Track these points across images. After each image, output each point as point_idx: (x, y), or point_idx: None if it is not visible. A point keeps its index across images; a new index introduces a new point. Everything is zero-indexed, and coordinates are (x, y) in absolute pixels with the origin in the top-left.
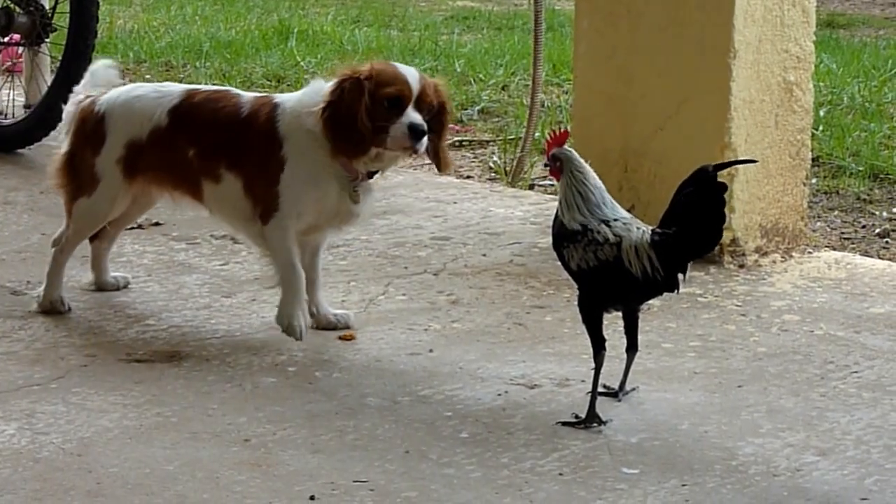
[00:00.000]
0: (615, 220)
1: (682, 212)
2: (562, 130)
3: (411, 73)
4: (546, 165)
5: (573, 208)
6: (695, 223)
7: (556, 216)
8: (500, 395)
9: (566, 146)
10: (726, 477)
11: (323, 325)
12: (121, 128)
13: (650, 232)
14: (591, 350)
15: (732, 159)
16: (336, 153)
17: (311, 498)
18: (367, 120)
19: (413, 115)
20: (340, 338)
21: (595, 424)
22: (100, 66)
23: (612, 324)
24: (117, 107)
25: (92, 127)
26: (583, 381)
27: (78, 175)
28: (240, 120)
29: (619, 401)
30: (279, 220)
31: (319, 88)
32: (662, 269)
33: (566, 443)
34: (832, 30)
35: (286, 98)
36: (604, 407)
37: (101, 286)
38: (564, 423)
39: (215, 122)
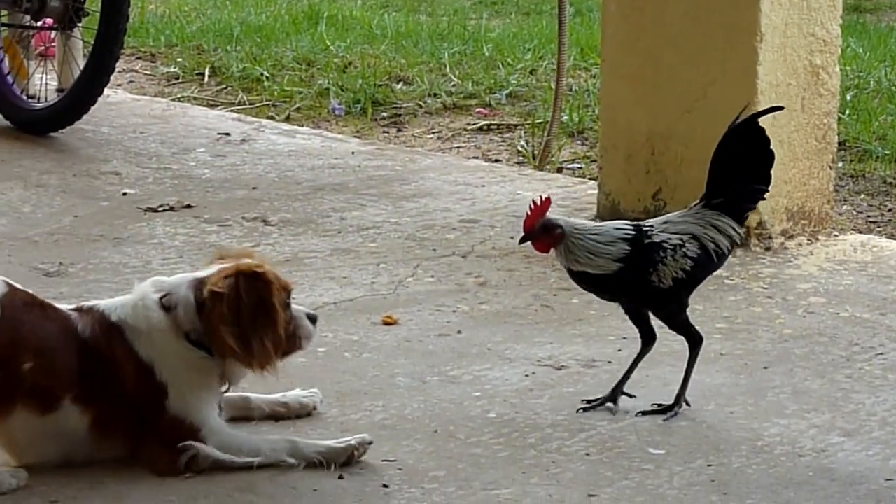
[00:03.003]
0: (649, 226)
1: (730, 169)
2: (544, 199)
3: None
4: (525, 241)
5: (598, 252)
6: (746, 175)
7: (584, 274)
8: (527, 375)
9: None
10: (752, 457)
11: None
12: None
13: (702, 204)
14: (617, 332)
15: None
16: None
17: (340, 477)
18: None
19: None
20: (383, 321)
21: (677, 409)
22: None
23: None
24: None
25: None
26: (609, 362)
27: None
28: None
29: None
30: None
31: None
32: (740, 227)
33: (593, 423)
34: (859, 14)
35: None
36: (630, 388)
37: None
38: (645, 413)
39: None
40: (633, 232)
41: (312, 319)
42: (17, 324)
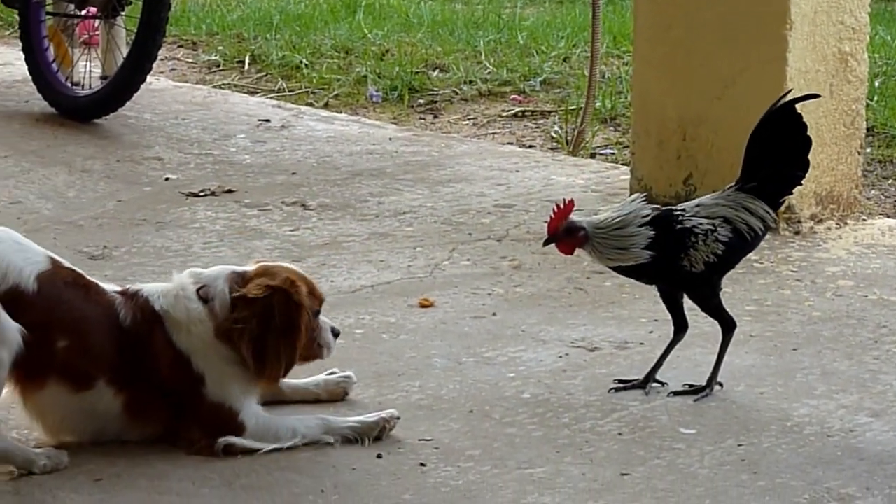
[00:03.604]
0: (680, 210)
1: (765, 153)
2: (567, 202)
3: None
4: (549, 243)
5: (626, 246)
6: (782, 160)
7: (622, 267)
8: (561, 357)
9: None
10: (781, 437)
11: None
12: None
13: (735, 188)
14: (649, 314)
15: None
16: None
17: (378, 456)
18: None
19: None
20: (420, 304)
21: (708, 391)
22: None
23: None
24: None
25: None
26: (641, 343)
27: None
28: None
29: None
30: None
31: None
32: (774, 212)
33: (625, 403)
34: (887, 2)
35: None
36: (662, 371)
37: None
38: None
39: None
40: (649, 213)
41: (335, 334)
42: (55, 301)
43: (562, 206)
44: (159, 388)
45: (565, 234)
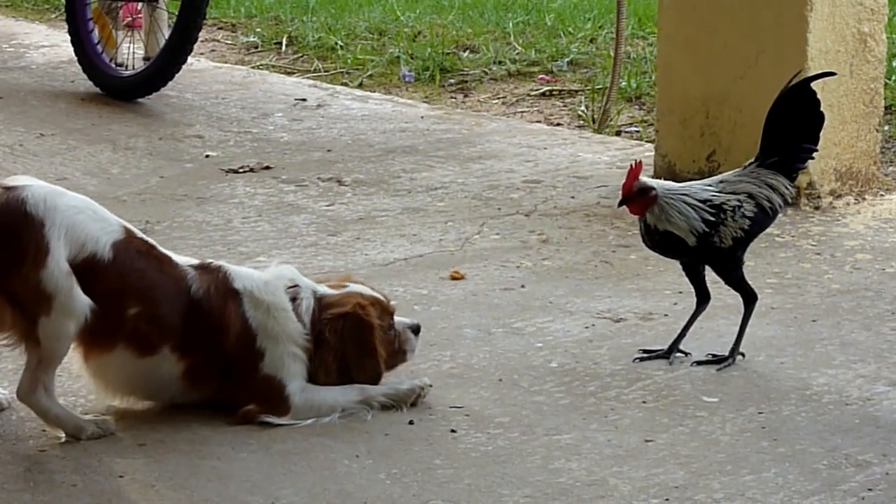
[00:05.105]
0: (719, 182)
1: (783, 130)
2: (636, 163)
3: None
4: (623, 203)
5: (689, 215)
6: (799, 136)
7: (669, 235)
8: (587, 327)
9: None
10: (801, 405)
11: None
12: None
13: (756, 164)
14: (673, 286)
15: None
16: None
17: (411, 423)
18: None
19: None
20: (451, 276)
21: (731, 361)
22: None
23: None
24: None
25: None
26: (665, 315)
27: None
28: None
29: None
30: None
31: None
32: (790, 186)
33: (649, 373)
34: None
35: None
36: (686, 339)
37: None
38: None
39: None
40: (712, 195)
41: (415, 330)
42: (128, 269)
43: (633, 166)
44: (219, 357)
45: (639, 194)
